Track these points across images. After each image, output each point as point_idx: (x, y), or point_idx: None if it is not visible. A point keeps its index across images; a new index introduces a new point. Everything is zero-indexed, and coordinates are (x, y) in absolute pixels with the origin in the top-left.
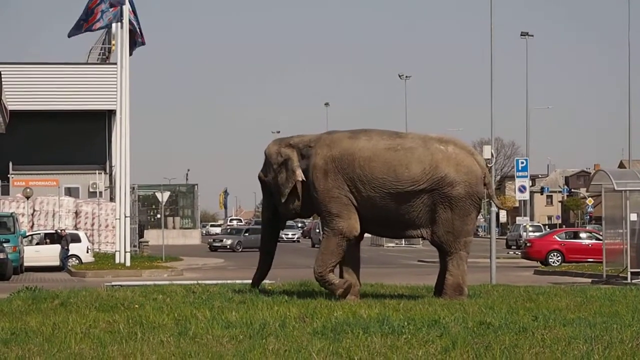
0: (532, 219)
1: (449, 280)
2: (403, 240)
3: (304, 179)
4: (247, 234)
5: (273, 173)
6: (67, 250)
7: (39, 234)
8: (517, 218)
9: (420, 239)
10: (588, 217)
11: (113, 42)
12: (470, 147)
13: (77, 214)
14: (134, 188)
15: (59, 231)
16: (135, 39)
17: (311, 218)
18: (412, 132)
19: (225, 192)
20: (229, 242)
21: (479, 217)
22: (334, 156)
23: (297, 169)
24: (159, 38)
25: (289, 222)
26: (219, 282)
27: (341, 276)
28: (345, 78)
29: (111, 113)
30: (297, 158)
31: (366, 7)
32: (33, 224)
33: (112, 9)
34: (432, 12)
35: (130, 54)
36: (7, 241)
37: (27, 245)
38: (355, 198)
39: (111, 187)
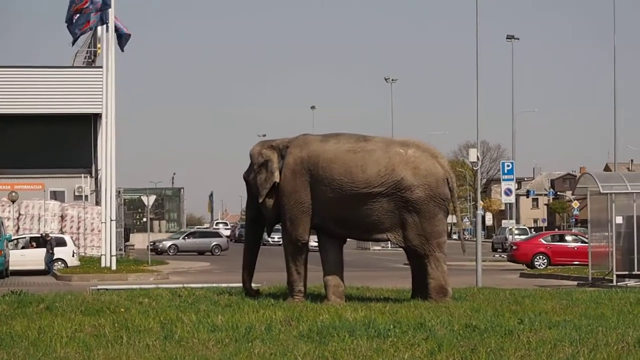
0: (518, 222)
1: (431, 284)
2: (389, 243)
3: (278, 181)
4: (185, 238)
5: (254, 174)
6: (52, 254)
7: (25, 237)
8: (503, 221)
9: (388, 242)
10: (574, 220)
11: (99, 45)
12: (434, 150)
13: (62, 217)
14: (119, 192)
15: (44, 235)
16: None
17: None
18: (380, 136)
19: (211, 196)
20: (160, 245)
21: (464, 220)
22: (303, 157)
23: (275, 171)
24: (144, 41)
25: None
26: (205, 285)
27: (324, 277)
28: (332, 81)
29: (97, 116)
30: (277, 160)
31: (353, 10)
32: (19, 227)
33: (97, 12)
34: (418, 15)
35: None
36: None
37: (12, 249)
38: (318, 199)
39: (97, 190)
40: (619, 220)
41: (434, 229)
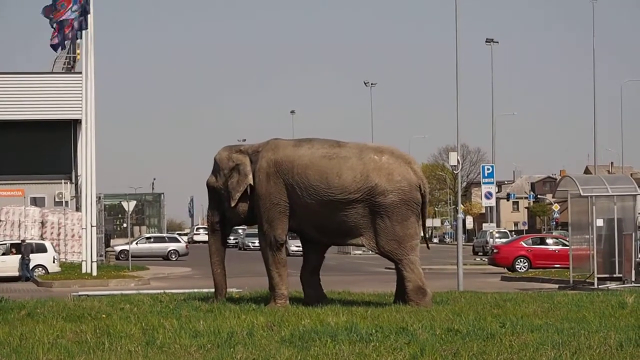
0: (498, 226)
1: (409, 287)
2: None
3: (252, 183)
4: (138, 243)
5: (223, 178)
6: (27, 260)
7: (5, 244)
8: (484, 224)
9: (361, 246)
10: (554, 223)
11: (78, 51)
12: (407, 157)
13: (43, 223)
14: (99, 197)
15: (22, 241)
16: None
17: None
18: (354, 142)
19: (191, 201)
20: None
21: (445, 224)
22: (276, 160)
23: (249, 173)
24: (124, 47)
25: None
26: (186, 291)
27: (301, 278)
28: (311, 85)
29: (77, 122)
30: (249, 163)
31: (331, 14)
32: None
33: (80, 17)
34: (397, 19)
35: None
36: None
37: None
38: (295, 203)
39: (77, 196)
40: (600, 222)
41: (406, 232)
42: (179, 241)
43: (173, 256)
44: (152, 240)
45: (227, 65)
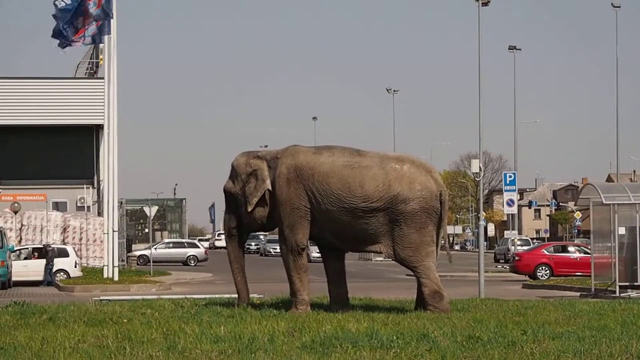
0: (520, 233)
1: (425, 292)
2: None
3: (270, 189)
4: (157, 248)
5: (241, 183)
6: (51, 264)
7: (27, 248)
8: (506, 232)
9: (379, 253)
10: (576, 230)
11: (101, 56)
12: (428, 166)
13: (65, 228)
14: (121, 202)
15: (45, 246)
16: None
17: None
18: (374, 151)
19: (212, 207)
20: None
21: (466, 231)
22: (296, 165)
23: (267, 179)
24: (146, 52)
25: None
26: (207, 296)
27: (330, 291)
28: (333, 92)
29: (99, 127)
30: (267, 169)
31: (354, 21)
32: (21, 238)
33: (95, 23)
34: (419, 26)
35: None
36: None
37: (15, 260)
38: (314, 209)
39: (99, 201)
40: (622, 231)
41: (422, 239)
42: (198, 247)
43: (192, 262)
44: (171, 245)
45: (249, 70)
